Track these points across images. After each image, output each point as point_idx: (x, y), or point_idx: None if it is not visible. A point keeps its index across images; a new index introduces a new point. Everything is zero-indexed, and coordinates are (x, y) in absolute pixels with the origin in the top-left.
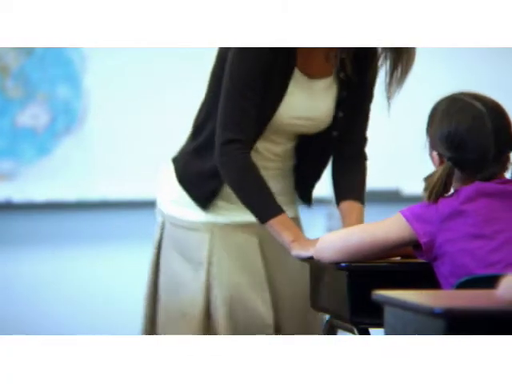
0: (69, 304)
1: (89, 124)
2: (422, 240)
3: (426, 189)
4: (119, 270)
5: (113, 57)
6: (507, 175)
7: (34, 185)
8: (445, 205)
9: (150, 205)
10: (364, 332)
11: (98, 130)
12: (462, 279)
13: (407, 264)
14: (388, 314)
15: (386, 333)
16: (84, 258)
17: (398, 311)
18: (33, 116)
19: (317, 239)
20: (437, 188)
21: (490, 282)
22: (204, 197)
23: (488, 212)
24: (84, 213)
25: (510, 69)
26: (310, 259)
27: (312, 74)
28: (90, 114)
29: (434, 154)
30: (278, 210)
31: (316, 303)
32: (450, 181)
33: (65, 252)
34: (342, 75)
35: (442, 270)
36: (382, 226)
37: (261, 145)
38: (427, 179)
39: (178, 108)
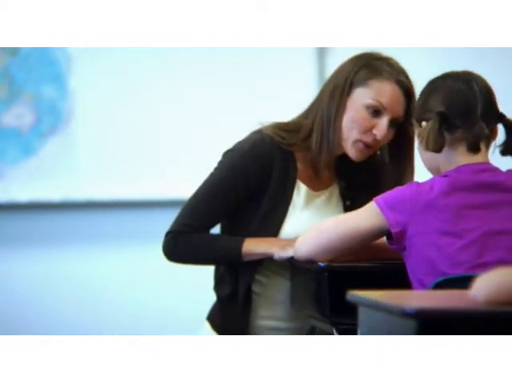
0: (55, 304)
1: (74, 124)
2: (394, 230)
3: (421, 142)
4: (105, 270)
5: (98, 57)
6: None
7: (19, 185)
8: (419, 196)
9: (136, 205)
10: (343, 332)
11: (83, 131)
12: (439, 279)
13: (387, 264)
14: (362, 314)
15: (361, 333)
16: (69, 258)
17: (371, 311)
18: (18, 116)
19: (294, 238)
20: (432, 135)
21: (467, 282)
22: None
23: (460, 209)
24: (69, 213)
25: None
26: (291, 259)
27: (314, 188)
28: (76, 114)
29: (423, 123)
30: (239, 238)
31: (296, 303)
32: (442, 134)
33: (50, 252)
34: (342, 185)
35: (409, 261)
36: (355, 215)
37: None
38: (420, 133)
39: (164, 108)
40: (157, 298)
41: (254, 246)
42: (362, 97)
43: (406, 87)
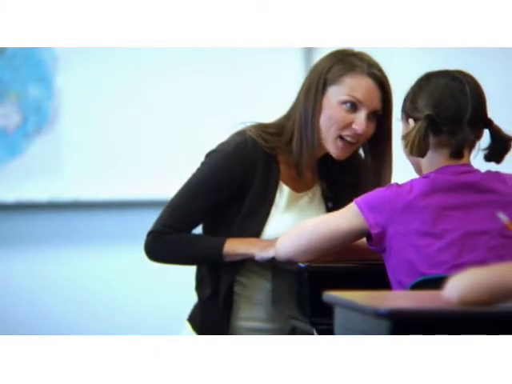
0: (36, 305)
1: (60, 124)
2: (373, 231)
3: (405, 146)
4: (89, 271)
5: (84, 57)
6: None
7: (5, 185)
8: (398, 197)
9: (121, 205)
10: (323, 332)
11: (69, 130)
12: (417, 280)
13: (367, 265)
14: (338, 314)
15: (337, 333)
16: (56, 258)
17: (347, 312)
18: (4, 116)
19: (275, 239)
20: (417, 141)
21: (445, 282)
22: None
23: (440, 209)
24: (55, 213)
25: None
26: (272, 260)
27: (296, 189)
28: (62, 114)
29: (411, 121)
30: (221, 239)
31: (277, 304)
32: (427, 139)
33: (35, 253)
34: (324, 186)
35: (389, 262)
36: (336, 216)
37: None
38: (405, 136)
39: (149, 108)
40: (144, 297)
41: (235, 247)
42: (336, 94)
43: (379, 79)
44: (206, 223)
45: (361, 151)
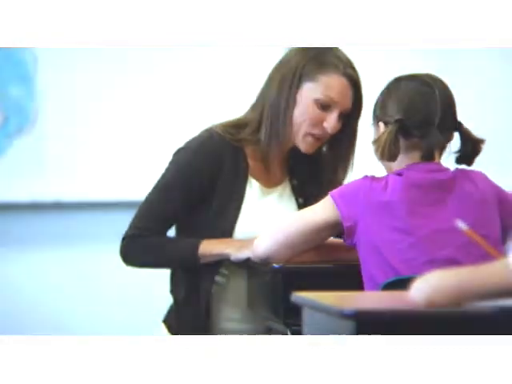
0: (19, 305)
1: (42, 124)
2: (346, 224)
3: (376, 150)
4: (71, 272)
5: (66, 57)
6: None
7: None
8: (373, 191)
9: (103, 206)
10: (296, 333)
11: (50, 131)
12: (390, 279)
13: (341, 265)
14: (306, 314)
15: (304, 333)
16: (36, 260)
17: (314, 312)
18: None
19: (251, 239)
20: (387, 146)
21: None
22: None
23: (412, 206)
24: (37, 214)
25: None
26: (247, 261)
27: (266, 184)
28: (43, 114)
29: (381, 124)
30: (196, 240)
31: (252, 305)
32: (397, 144)
33: (17, 254)
34: (294, 182)
35: (361, 256)
36: (311, 210)
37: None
38: (376, 141)
39: (130, 108)
40: (126, 298)
41: (210, 248)
42: (311, 91)
43: (353, 79)
44: (178, 223)
45: None
